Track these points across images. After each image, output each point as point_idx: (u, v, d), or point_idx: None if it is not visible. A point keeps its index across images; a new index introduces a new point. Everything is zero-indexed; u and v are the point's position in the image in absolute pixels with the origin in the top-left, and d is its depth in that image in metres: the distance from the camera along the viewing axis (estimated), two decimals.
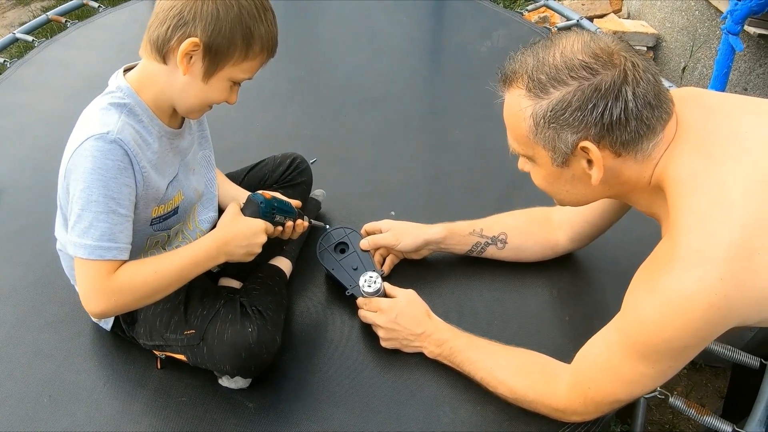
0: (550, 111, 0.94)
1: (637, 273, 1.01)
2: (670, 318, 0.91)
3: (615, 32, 2.81)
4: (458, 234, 1.42)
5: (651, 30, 2.95)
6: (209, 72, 1.09)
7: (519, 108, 0.98)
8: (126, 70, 1.15)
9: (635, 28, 2.95)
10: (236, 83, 1.14)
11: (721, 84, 2.20)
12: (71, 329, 1.36)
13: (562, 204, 1.12)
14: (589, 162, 0.97)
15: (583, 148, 0.95)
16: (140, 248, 1.21)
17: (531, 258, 1.44)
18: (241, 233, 1.19)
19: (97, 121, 1.06)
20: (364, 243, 1.41)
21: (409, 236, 1.41)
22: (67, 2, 2.52)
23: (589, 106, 0.92)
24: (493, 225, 1.43)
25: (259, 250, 1.21)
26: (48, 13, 2.44)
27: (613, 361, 1.01)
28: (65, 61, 2.25)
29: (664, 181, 0.97)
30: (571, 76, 0.93)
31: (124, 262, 1.08)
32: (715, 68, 2.21)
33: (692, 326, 0.90)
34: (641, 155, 0.96)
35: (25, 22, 2.44)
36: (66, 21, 2.43)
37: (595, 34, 0.97)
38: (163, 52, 1.08)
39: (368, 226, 1.45)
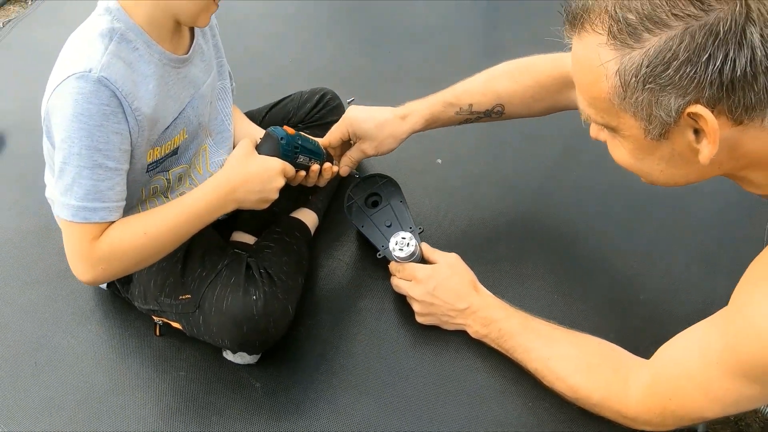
0: (647, 66, 0.68)
1: (753, 265, 0.77)
2: None
3: None
4: (442, 119, 1.19)
5: None
6: None
7: (598, 61, 0.71)
8: None
9: None
10: None
11: None
12: (68, 286, 1.21)
13: (651, 184, 0.87)
14: (697, 132, 0.71)
15: (692, 115, 0.69)
16: (137, 200, 1.04)
17: (536, 116, 1.23)
18: (254, 175, 1.01)
19: (81, 53, 0.89)
20: (345, 160, 1.19)
21: (389, 140, 1.17)
22: None
23: (703, 58, 0.65)
24: (483, 97, 1.18)
25: (275, 196, 1.03)
26: None
27: (709, 376, 0.79)
28: None
29: None
30: (674, 14, 0.65)
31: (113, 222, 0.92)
32: None
33: None
34: None
35: None
36: None
37: None
38: None
39: (331, 138, 1.19)
